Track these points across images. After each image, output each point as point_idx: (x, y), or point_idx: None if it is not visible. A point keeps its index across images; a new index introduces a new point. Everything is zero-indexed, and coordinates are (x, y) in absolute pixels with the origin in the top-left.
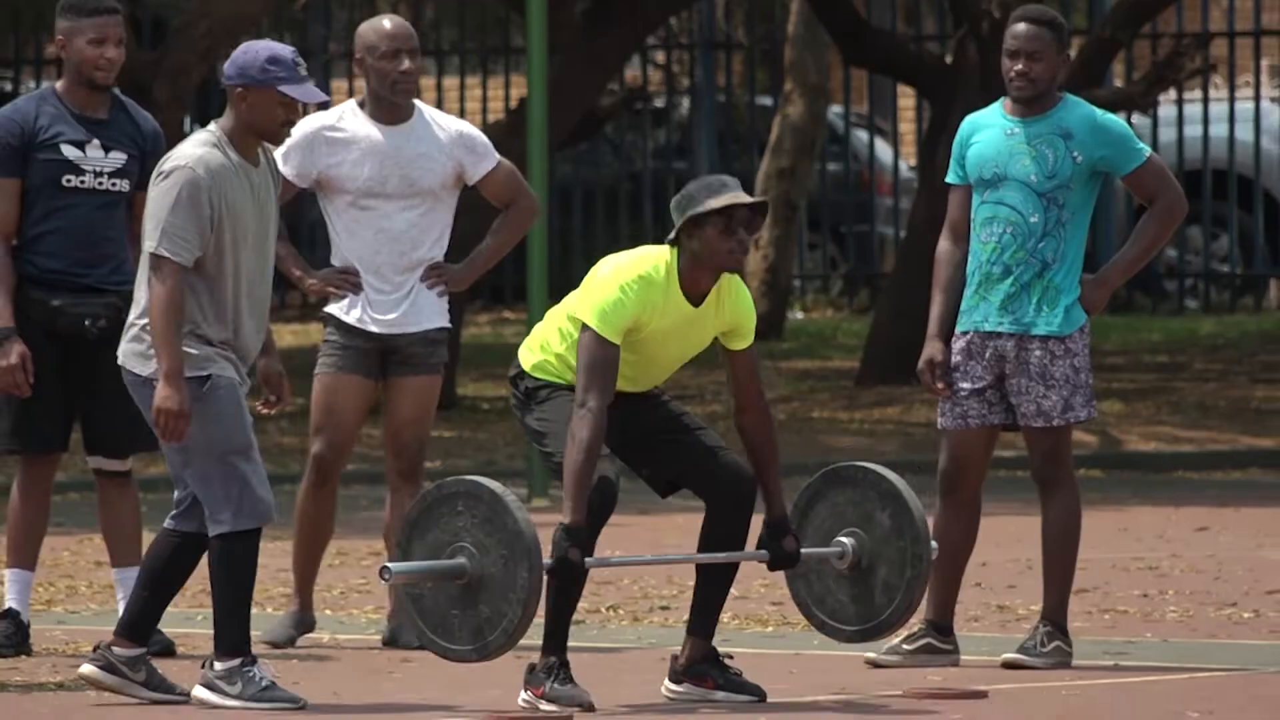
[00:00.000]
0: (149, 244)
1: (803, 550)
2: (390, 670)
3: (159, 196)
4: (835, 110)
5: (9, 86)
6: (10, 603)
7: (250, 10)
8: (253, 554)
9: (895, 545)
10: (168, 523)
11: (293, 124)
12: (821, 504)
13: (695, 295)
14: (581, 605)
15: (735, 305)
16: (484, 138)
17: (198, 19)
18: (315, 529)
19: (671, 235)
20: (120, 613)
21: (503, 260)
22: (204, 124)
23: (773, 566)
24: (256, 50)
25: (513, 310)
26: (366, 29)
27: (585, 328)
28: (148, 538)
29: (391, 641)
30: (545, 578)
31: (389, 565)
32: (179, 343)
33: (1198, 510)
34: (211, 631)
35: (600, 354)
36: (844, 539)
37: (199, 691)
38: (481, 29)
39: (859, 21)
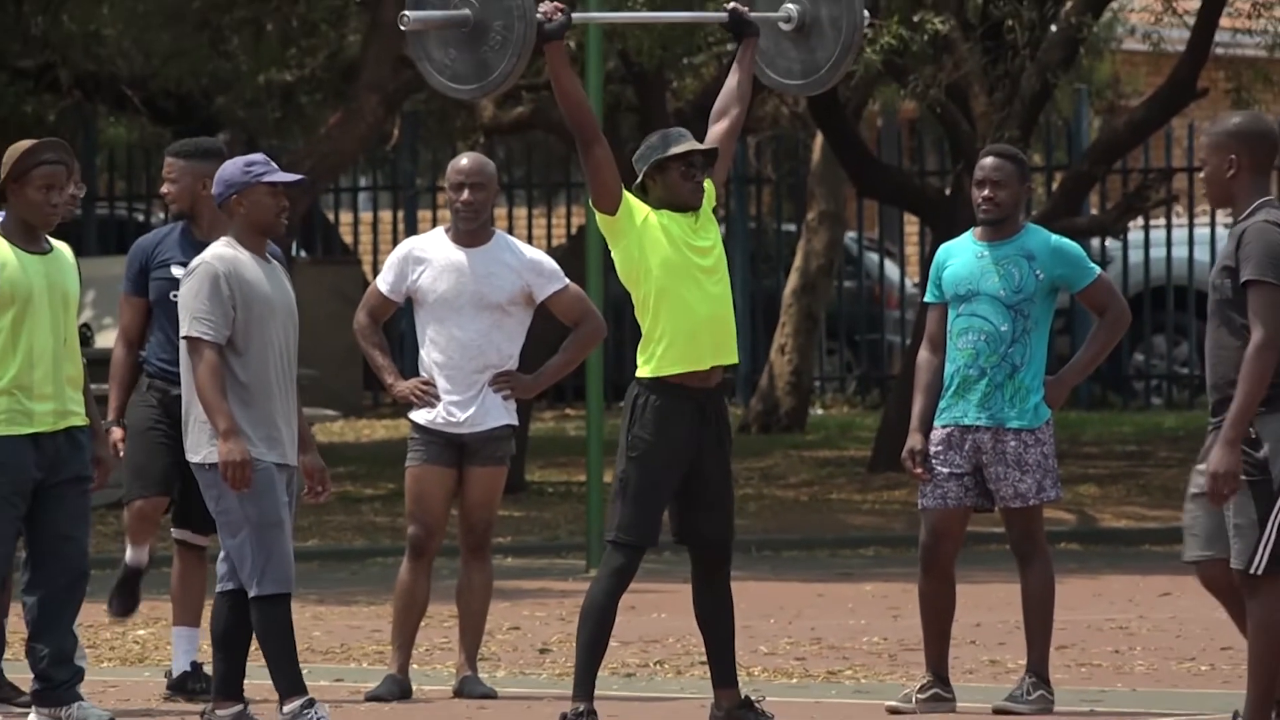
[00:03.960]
0: (183, 330)
1: (754, 14)
2: (468, 716)
3: (185, 293)
4: (850, 235)
5: (141, 217)
6: (188, 659)
7: (348, 149)
8: (284, 614)
9: None
10: (218, 588)
11: (286, 210)
12: None
13: None
14: (632, 660)
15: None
16: (555, 265)
17: (304, 157)
18: (411, 599)
19: (638, 182)
20: (175, 668)
21: None
22: (308, 249)
23: (731, 27)
24: (234, 163)
25: (573, 408)
26: (450, 164)
27: None
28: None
29: (459, 692)
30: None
31: (406, 12)
32: (228, 406)
33: (1162, 578)
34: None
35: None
36: (790, 5)
37: None
38: (546, 166)
39: (871, 159)
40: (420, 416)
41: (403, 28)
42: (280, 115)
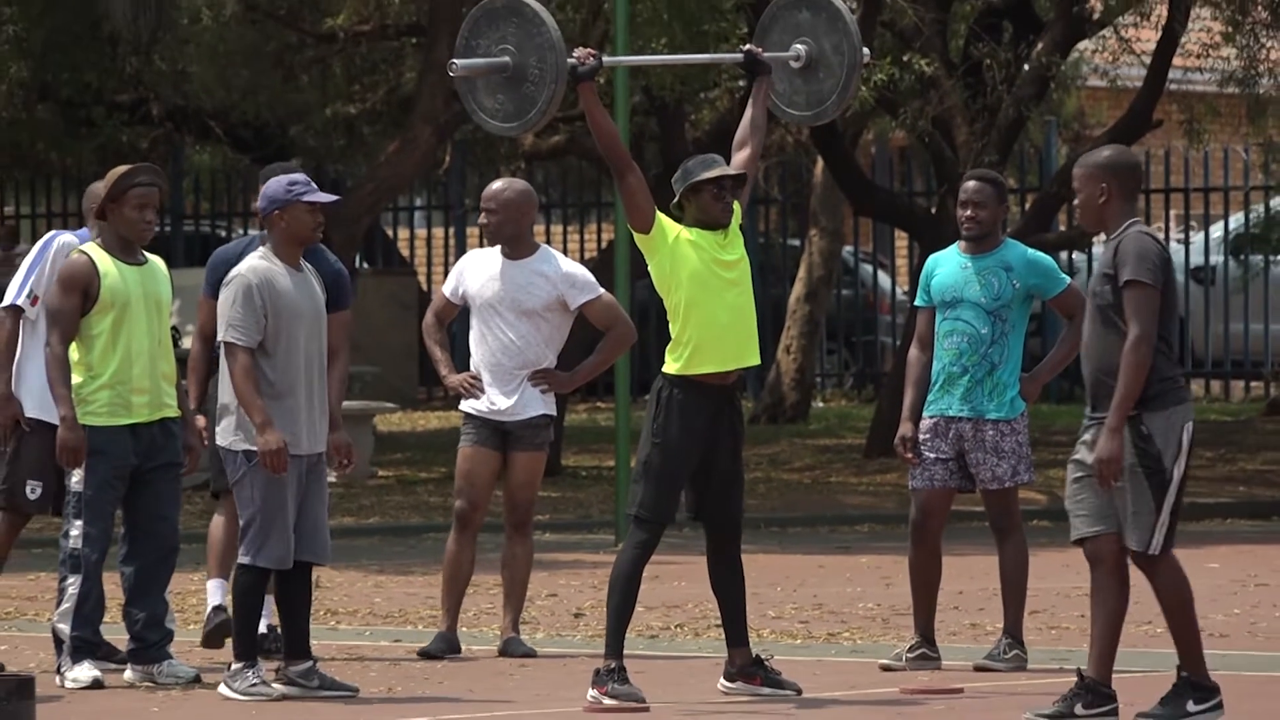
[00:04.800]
0: (220, 335)
1: (767, 54)
2: (511, 673)
3: (223, 301)
4: (847, 249)
5: (223, 233)
6: (264, 622)
7: (405, 173)
8: (260, 586)
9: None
10: None
11: (321, 225)
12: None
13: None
14: (655, 624)
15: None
16: (590, 277)
17: (366, 180)
18: (458, 567)
19: (675, 201)
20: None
21: None
22: (370, 261)
23: (746, 67)
24: (277, 181)
25: (603, 401)
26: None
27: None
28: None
29: (504, 652)
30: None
31: (455, 61)
32: (262, 401)
33: None
34: (382, 643)
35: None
36: (798, 45)
37: (220, 687)
38: (580, 188)
39: (866, 182)
40: (469, 406)
41: (451, 74)
42: (345, 144)
